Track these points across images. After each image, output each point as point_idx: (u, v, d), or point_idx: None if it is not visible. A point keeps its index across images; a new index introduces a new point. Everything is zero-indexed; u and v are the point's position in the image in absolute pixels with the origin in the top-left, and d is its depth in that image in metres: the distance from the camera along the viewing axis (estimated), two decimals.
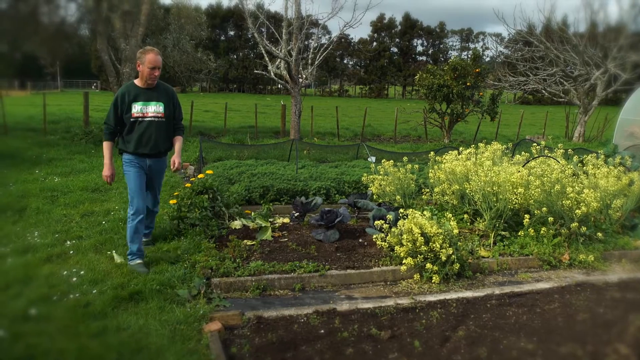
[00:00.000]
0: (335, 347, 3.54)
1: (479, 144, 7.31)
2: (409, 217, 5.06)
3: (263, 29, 17.92)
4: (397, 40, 65.91)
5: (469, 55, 17.27)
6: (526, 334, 3.85)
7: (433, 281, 4.87)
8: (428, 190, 6.93)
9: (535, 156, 7.10)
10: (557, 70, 20.77)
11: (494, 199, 5.75)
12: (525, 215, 5.69)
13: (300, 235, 6.05)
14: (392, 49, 65.40)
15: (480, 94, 16.73)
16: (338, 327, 3.85)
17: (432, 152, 7.35)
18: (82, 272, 4.55)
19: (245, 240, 5.68)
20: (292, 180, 7.86)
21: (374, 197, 6.75)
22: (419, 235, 4.84)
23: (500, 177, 5.72)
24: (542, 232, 5.69)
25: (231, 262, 4.94)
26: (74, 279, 4.42)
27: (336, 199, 7.54)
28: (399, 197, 6.39)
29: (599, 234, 5.91)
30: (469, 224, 6.30)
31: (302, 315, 4.03)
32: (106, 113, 4.93)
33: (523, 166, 6.57)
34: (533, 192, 5.77)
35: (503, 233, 5.90)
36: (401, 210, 5.42)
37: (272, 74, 15.15)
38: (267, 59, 15.36)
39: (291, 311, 4.10)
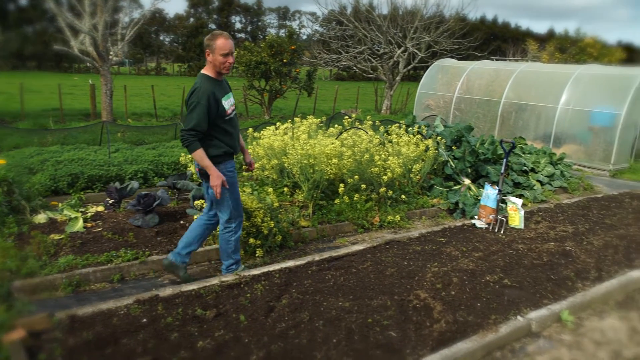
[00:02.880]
0: (160, 334, 3.41)
1: (295, 118, 7.55)
2: None
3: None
4: (215, 16, 64.59)
5: (286, 33, 17.67)
6: (344, 293, 4.13)
7: (257, 255, 4.96)
8: None
9: (347, 128, 7.59)
10: (365, 49, 22.39)
11: (311, 171, 6.01)
12: (340, 184, 6.07)
13: (117, 222, 5.67)
14: (210, 25, 63.97)
15: (297, 70, 17.27)
16: (161, 313, 3.70)
17: (250, 129, 7.40)
18: None
19: (52, 235, 5.14)
20: (105, 166, 7.31)
21: (194, 176, 6.59)
22: None
23: (315, 149, 5.98)
24: (355, 198, 6.13)
25: (36, 261, 4.44)
26: None
27: (155, 182, 7.22)
28: None
29: (403, 196, 6.57)
30: (289, 196, 6.52)
31: (121, 307, 3.79)
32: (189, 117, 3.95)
33: (336, 138, 6.97)
34: (346, 162, 6.17)
35: (321, 202, 6.22)
36: None
37: (75, 50, 13.71)
38: (68, 33, 13.84)
39: (109, 304, 3.82)
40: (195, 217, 5.24)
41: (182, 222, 5.74)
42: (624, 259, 5.34)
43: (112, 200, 6.16)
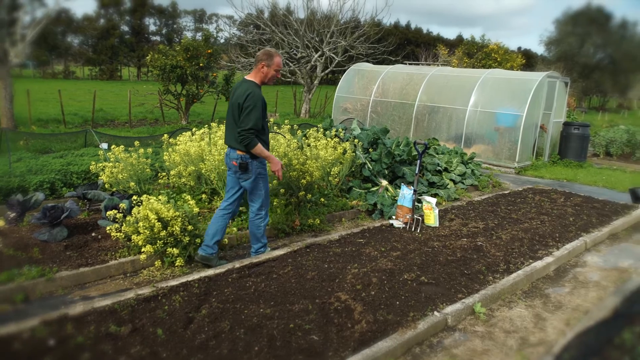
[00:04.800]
0: (69, 356, 3.20)
1: (212, 123, 7.41)
2: (144, 203, 4.85)
3: None
4: (127, 18, 62.10)
5: (202, 37, 17.30)
6: (265, 300, 4.09)
7: (177, 264, 4.81)
8: (165, 173, 6.76)
9: None
10: (283, 52, 22.41)
11: None
12: None
13: (20, 238, 5.28)
14: (122, 27, 61.44)
15: (214, 74, 16.96)
16: (71, 333, 3.48)
17: (165, 135, 7.16)
18: None
19: None
20: (5, 177, 6.79)
21: (107, 186, 6.28)
22: (156, 220, 4.68)
23: None
24: (275, 203, 6.10)
25: None
26: None
27: (63, 193, 6.79)
28: (133, 183, 6.06)
29: (323, 199, 6.63)
30: (207, 203, 6.37)
31: (25, 330, 3.51)
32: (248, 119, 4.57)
33: None
34: None
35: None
36: (135, 197, 5.15)
37: None
38: None
39: (10, 328, 3.53)
40: (107, 228, 4.99)
41: (93, 234, 5.44)
42: (529, 251, 5.71)
43: (14, 214, 5.73)
